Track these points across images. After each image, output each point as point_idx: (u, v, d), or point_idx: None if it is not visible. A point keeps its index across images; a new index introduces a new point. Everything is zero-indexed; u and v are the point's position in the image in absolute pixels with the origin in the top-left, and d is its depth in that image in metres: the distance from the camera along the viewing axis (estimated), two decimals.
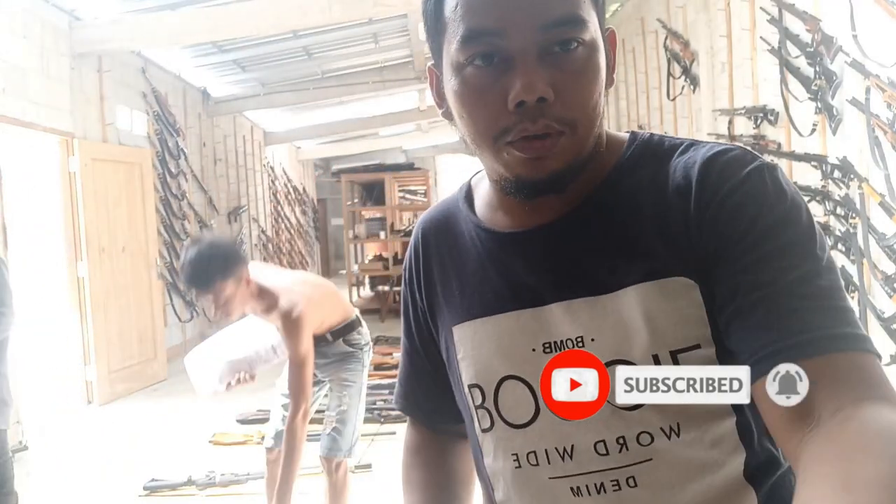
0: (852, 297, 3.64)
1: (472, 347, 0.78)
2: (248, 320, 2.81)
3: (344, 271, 11.73)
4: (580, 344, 0.70)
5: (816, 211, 3.92)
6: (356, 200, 11.30)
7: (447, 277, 0.83)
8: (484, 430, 0.79)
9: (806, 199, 4.60)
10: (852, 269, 3.58)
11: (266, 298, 2.49)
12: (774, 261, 0.60)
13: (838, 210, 3.69)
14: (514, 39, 0.63)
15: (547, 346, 0.72)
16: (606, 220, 0.71)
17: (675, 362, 0.65)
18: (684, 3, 5.92)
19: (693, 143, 0.72)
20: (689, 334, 0.65)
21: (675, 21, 6.18)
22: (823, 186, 3.80)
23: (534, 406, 0.73)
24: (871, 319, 3.27)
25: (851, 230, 3.58)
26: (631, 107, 7.82)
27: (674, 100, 6.26)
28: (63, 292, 5.63)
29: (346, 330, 2.82)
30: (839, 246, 3.73)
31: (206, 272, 2.30)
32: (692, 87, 5.83)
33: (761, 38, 4.42)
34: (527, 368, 0.73)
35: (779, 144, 4.37)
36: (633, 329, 0.67)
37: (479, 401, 0.78)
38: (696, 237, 0.65)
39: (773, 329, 0.58)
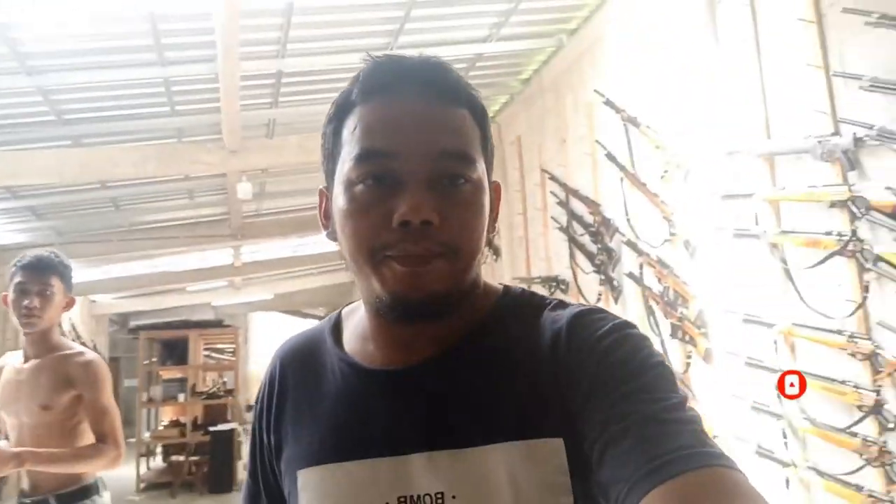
0: None
1: (316, 497, 0.72)
2: None
3: (133, 439, 10.56)
4: (440, 500, 0.66)
5: None
6: (154, 359, 10.48)
7: (300, 414, 0.78)
8: None
9: None
10: None
11: (65, 342, 2.52)
12: (641, 394, 0.62)
13: None
14: (406, 163, 0.66)
15: (402, 500, 0.67)
16: (478, 368, 0.70)
17: None
18: None
19: (560, 302, 0.76)
20: (555, 501, 0.64)
21: None
22: None
23: None
24: None
25: None
26: None
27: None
28: None
29: (77, 497, 2.38)
30: None
31: (50, 265, 2.43)
32: (495, 256, 6.37)
33: (552, 217, 5.02)
34: None
35: None
36: (497, 489, 0.64)
37: None
38: (566, 388, 0.66)
39: (644, 452, 0.57)
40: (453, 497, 0.66)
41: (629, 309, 4.10)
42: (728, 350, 3.07)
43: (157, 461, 10.60)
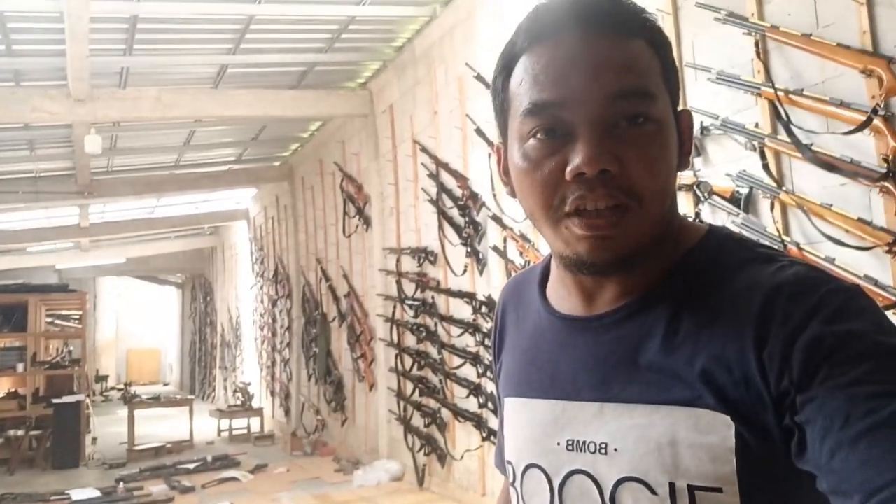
0: None
1: (513, 424, 0.78)
2: None
3: None
4: (603, 451, 0.66)
5: (468, 342, 4.44)
6: None
7: (512, 347, 0.82)
8: None
9: (460, 331, 5.03)
10: None
11: None
12: (875, 385, 0.53)
13: (486, 341, 4.22)
14: (576, 112, 0.62)
15: (570, 443, 0.69)
16: (659, 327, 0.66)
17: (692, 498, 0.61)
18: (358, 151, 6.49)
19: (769, 256, 0.65)
20: (714, 474, 0.60)
21: (350, 166, 6.72)
22: (474, 319, 4.34)
23: (548, 499, 0.71)
24: None
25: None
26: (310, 240, 8.11)
27: (349, 236, 6.68)
28: None
29: None
30: (488, 373, 4.23)
31: None
32: (365, 226, 6.31)
33: (422, 189, 5.03)
34: (548, 461, 0.71)
35: (438, 282, 4.91)
36: (659, 450, 0.62)
37: (511, 478, 0.77)
38: (763, 373, 0.58)
39: (886, 467, 0.50)
40: (615, 449, 0.66)
41: (493, 281, 4.21)
42: None
43: None
